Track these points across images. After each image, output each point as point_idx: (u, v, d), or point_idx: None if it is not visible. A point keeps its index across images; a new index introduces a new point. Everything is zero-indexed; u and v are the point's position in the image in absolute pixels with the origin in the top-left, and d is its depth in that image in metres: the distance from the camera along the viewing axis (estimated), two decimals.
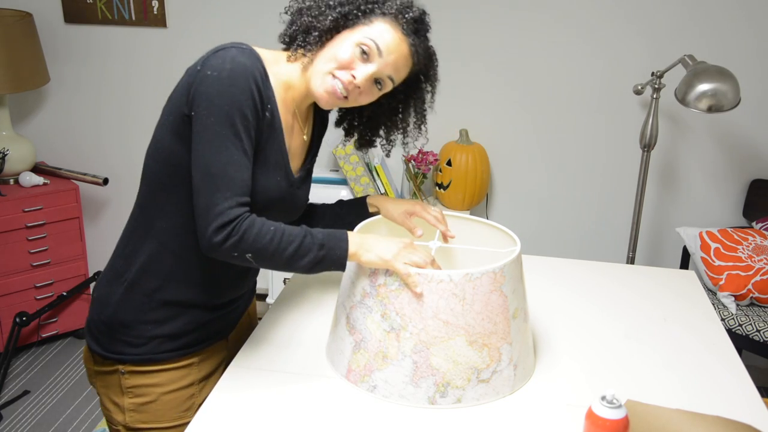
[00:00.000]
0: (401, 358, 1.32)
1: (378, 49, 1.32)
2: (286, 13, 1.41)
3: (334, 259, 1.32)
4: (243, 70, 1.25)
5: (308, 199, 1.59)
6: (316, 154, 1.57)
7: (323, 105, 1.38)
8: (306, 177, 1.52)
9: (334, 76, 1.34)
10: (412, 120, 1.48)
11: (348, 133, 1.58)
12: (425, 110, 1.48)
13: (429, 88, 1.46)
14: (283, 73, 1.37)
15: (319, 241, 1.31)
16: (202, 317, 1.46)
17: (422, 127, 1.49)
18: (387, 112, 1.49)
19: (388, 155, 1.56)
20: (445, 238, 1.57)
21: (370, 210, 1.62)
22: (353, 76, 1.33)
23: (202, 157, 1.25)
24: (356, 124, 1.56)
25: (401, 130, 1.50)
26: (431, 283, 1.29)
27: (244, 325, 1.62)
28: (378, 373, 1.35)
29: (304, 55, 1.36)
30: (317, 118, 1.55)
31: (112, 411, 1.46)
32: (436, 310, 1.30)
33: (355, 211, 1.63)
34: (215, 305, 1.47)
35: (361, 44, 1.32)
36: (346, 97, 1.36)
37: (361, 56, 1.33)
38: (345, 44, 1.33)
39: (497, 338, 1.34)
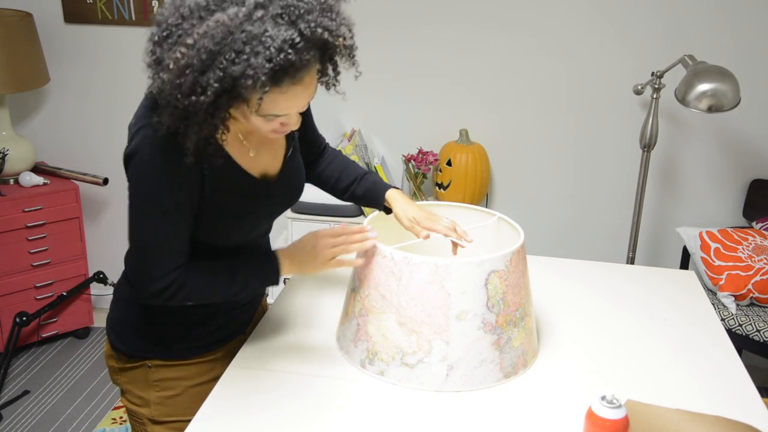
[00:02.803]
0: (352, 318, 1.46)
1: (285, 114, 1.20)
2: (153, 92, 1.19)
3: (270, 284, 1.41)
4: (161, 153, 1.22)
5: (305, 178, 1.54)
6: (294, 137, 1.48)
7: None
8: (293, 163, 1.47)
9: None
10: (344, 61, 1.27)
11: None
12: (350, 48, 1.21)
13: (335, 40, 1.17)
14: None
15: (253, 284, 1.39)
16: (224, 317, 1.50)
17: (354, 58, 1.24)
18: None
19: (328, 88, 1.27)
20: (454, 247, 1.55)
21: (385, 204, 1.58)
22: (289, 130, 1.27)
23: (135, 232, 1.29)
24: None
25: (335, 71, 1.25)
26: (377, 256, 1.39)
27: (258, 319, 1.65)
28: (341, 327, 1.51)
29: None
30: None
31: (137, 404, 1.49)
32: (377, 283, 1.38)
33: (369, 201, 1.60)
34: (237, 305, 1.52)
35: (277, 123, 1.21)
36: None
37: (275, 119, 1.21)
38: (255, 122, 1.21)
39: (430, 330, 1.35)
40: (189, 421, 1.45)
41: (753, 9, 2.71)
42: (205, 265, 1.35)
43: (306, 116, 1.55)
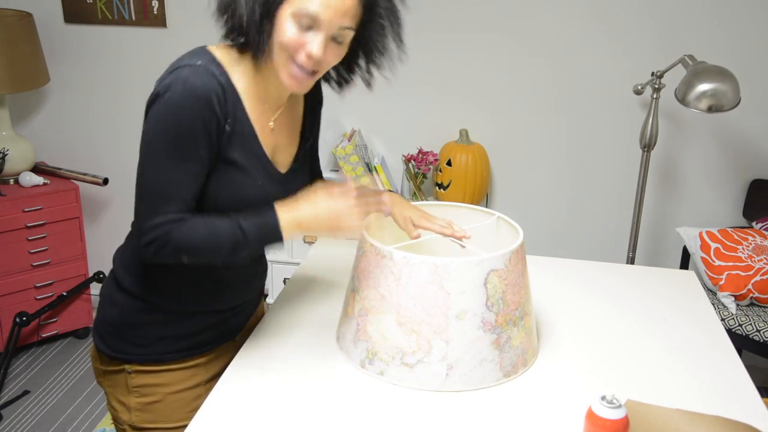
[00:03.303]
0: (352, 317, 1.45)
1: (313, 15, 1.21)
2: (221, 20, 1.32)
3: (271, 246, 1.34)
4: (193, 93, 1.23)
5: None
6: (309, 139, 1.52)
7: (299, 92, 1.33)
8: (300, 167, 1.49)
9: (292, 61, 1.27)
10: (390, 36, 1.33)
11: (325, 80, 1.47)
12: (398, 17, 1.32)
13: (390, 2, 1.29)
14: (252, 69, 1.33)
15: (254, 237, 1.30)
16: (209, 320, 1.47)
17: (401, 36, 1.33)
18: (363, 44, 1.34)
19: (369, 86, 1.41)
20: (459, 238, 1.54)
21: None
22: (308, 55, 1.25)
23: (142, 172, 1.27)
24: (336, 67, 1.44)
25: (379, 53, 1.34)
26: (377, 256, 1.37)
27: (252, 326, 1.62)
28: (341, 327, 1.51)
29: (257, 56, 1.30)
30: (309, 96, 1.50)
31: (118, 410, 1.47)
32: (377, 282, 1.38)
33: None
34: (222, 310, 1.49)
35: (297, 17, 1.22)
36: (315, 72, 1.29)
37: (304, 28, 1.23)
38: (283, 25, 1.23)
39: (429, 330, 1.35)
40: (170, 428, 1.45)
41: (753, 9, 2.71)
42: (203, 216, 1.30)
43: (313, 143, 1.56)
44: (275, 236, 1.32)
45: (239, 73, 1.31)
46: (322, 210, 1.33)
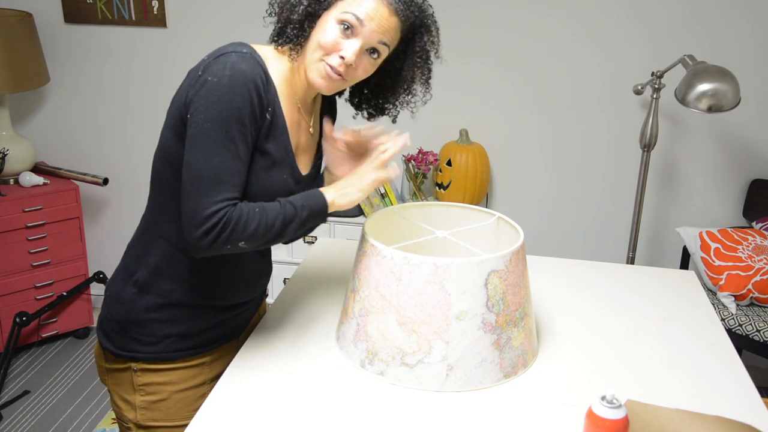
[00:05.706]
0: (352, 317, 1.45)
1: (358, 19, 1.29)
2: (270, 15, 1.40)
3: (318, 214, 1.37)
4: (242, 77, 1.25)
5: None
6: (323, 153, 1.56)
7: (325, 92, 1.36)
8: (317, 174, 1.52)
9: (324, 61, 1.32)
10: (418, 77, 1.44)
11: (358, 107, 1.55)
12: (430, 63, 1.44)
13: (428, 38, 1.40)
14: (285, 69, 1.38)
15: (299, 204, 1.34)
16: (215, 318, 1.48)
17: (428, 82, 1.45)
18: (393, 75, 1.44)
19: (394, 121, 1.53)
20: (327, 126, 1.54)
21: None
22: (342, 57, 1.31)
23: (194, 160, 1.26)
24: (366, 92, 1.52)
25: (407, 91, 1.46)
26: (377, 256, 1.37)
27: (254, 325, 1.63)
28: (341, 327, 1.51)
29: (292, 49, 1.36)
30: (325, 109, 1.55)
31: (123, 408, 1.48)
32: (377, 283, 1.38)
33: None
34: (228, 306, 1.49)
35: (341, 21, 1.30)
36: (343, 77, 1.33)
37: (343, 33, 1.30)
38: (326, 26, 1.31)
39: (430, 330, 1.35)
40: (175, 427, 1.46)
41: (753, 9, 2.71)
42: (249, 202, 1.33)
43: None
44: (320, 201, 1.36)
45: (273, 70, 1.35)
46: (354, 175, 1.43)
